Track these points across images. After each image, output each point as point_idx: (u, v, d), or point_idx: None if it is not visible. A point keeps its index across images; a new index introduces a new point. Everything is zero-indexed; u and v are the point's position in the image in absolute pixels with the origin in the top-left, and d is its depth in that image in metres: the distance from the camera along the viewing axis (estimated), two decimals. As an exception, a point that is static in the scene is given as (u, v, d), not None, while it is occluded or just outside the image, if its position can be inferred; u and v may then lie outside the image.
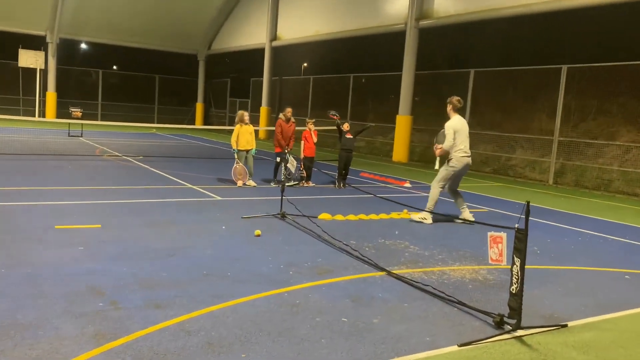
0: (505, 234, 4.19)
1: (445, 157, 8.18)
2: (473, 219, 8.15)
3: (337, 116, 11.70)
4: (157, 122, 34.04)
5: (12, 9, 27.58)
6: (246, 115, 10.70)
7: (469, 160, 8.21)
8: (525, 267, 6.03)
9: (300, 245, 6.26)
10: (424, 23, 18.50)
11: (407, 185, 12.70)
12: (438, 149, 8.17)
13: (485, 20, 17.02)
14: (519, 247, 4.01)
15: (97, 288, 4.40)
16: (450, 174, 8.16)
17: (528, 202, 3.99)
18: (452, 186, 8.45)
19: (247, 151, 10.53)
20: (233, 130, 10.60)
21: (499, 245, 4.20)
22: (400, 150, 19.49)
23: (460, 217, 8.37)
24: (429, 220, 8.15)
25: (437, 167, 8.47)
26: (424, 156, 20.03)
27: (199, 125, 34.02)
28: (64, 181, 9.75)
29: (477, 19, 17.07)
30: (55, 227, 6.29)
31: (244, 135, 10.46)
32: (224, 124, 32.29)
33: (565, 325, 4.30)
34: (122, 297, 4.24)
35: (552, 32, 16.89)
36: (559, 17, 15.43)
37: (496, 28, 17.69)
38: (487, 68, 17.63)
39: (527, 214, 3.97)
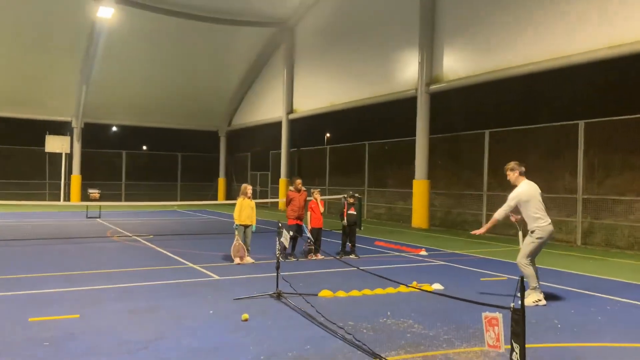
0: (501, 314, 3.61)
1: (524, 230, 7.45)
2: (544, 301, 7.16)
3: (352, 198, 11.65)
4: (180, 199, 34.21)
5: (40, 99, 28.74)
6: (249, 189, 10.41)
7: (552, 227, 7.35)
8: (543, 345, 5.38)
9: (289, 330, 5.69)
10: (435, 87, 18.38)
11: (423, 253, 12.05)
12: (513, 217, 7.52)
13: (496, 81, 16.77)
14: (517, 331, 3.42)
15: (43, 394, 3.92)
16: (537, 246, 7.26)
17: (522, 278, 3.43)
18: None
19: (247, 226, 10.14)
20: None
21: (495, 329, 3.61)
22: (419, 216, 18.87)
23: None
24: (543, 301, 7.13)
25: (520, 244, 7.54)
26: (445, 221, 19.37)
27: (221, 200, 34.09)
28: (61, 267, 9.45)
29: (488, 80, 16.84)
30: (29, 319, 5.89)
31: (246, 210, 10.11)
32: (245, 198, 32.14)
33: (584, 423, 3.61)
34: (68, 404, 3.74)
35: (565, 88, 16.52)
36: (571, 72, 15.07)
37: (508, 87, 17.43)
38: (502, 128, 17.23)
39: (522, 291, 3.40)
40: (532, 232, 7.29)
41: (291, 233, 10.32)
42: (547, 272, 9.46)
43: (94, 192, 20.23)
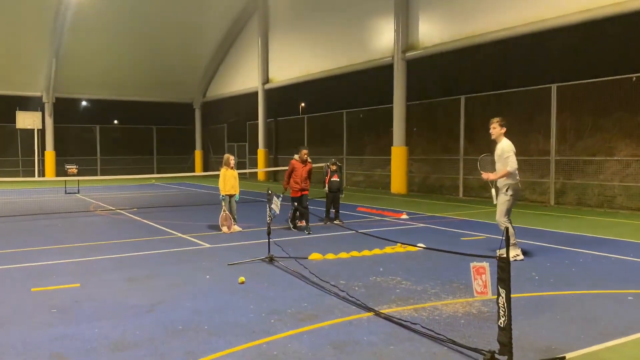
0: (488, 263, 3.93)
1: (496, 186, 7.65)
2: (522, 256, 7.57)
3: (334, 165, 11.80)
4: (157, 173, 34.00)
5: (7, 73, 28.01)
6: (232, 159, 10.58)
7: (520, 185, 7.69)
8: (522, 295, 5.78)
9: (285, 290, 5.99)
10: (411, 54, 18.57)
11: (404, 217, 12.44)
12: (492, 175, 7.58)
13: (471, 47, 17.04)
14: (503, 277, 3.75)
15: (61, 354, 4.14)
16: (512, 202, 7.54)
17: (507, 229, 3.75)
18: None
19: (231, 196, 10.36)
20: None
21: (482, 276, 3.94)
22: (398, 182, 19.28)
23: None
24: (521, 256, 7.50)
25: (495, 201, 7.79)
26: (423, 186, 19.82)
27: (199, 172, 34.02)
28: (51, 240, 9.54)
29: (463, 46, 17.11)
30: (32, 289, 6.07)
31: (230, 180, 10.31)
32: (223, 169, 32.19)
33: (563, 358, 4.00)
34: (87, 362, 3.98)
35: (539, 52, 16.87)
36: (543, 37, 15.41)
37: (483, 53, 17.69)
38: (478, 93, 17.58)
39: (507, 241, 3.73)
40: (507, 189, 7.49)
41: (295, 204, 10.32)
42: (523, 231, 9.95)
43: (72, 167, 20.04)
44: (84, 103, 35.82)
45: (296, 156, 10.64)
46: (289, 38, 25.75)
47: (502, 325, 3.77)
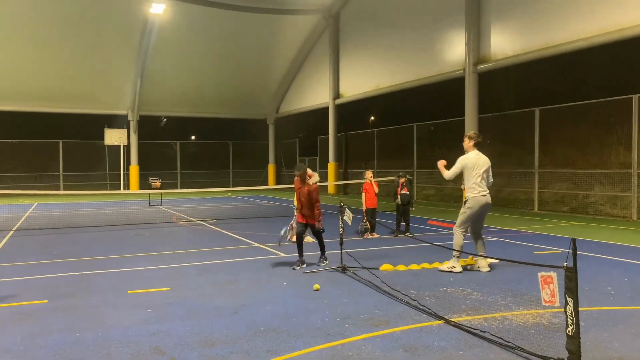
0: (555, 273, 4.06)
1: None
2: (488, 269, 7.75)
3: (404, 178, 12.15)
4: (233, 186, 35.35)
5: (97, 94, 30.22)
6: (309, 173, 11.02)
7: (488, 199, 7.80)
8: (596, 308, 5.76)
9: (358, 298, 6.28)
10: (483, 67, 18.46)
11: (476, 230, 12.38)
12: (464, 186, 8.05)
13: (545, 58, 16.76)
14: (570, 287, 3.87)
15: (159, 348, 4.63)
16: (468, 216, 7.77)
17: (574, 239, 3.88)
18: (475, 229, 8.06)
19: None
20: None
21: (550, 286, 4.07)
22: (470, 196, 19.06)
23: (475, 265, 7.93)
24: (458, 268, 7.62)
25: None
26: (496, 200, 19.46)
27: (271, 185, 35.03)
28: (140, 248, 10.33)
29: (536, 58, 16.84)
30: (128, 292, 6.69)
31: (305, 192, 10.74)
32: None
33: (635, 369, 4.04)
34: (182, 355, 4.44)
35: (617, 62, 16.33)
36: (622, 46, 14.93)
37: (558, 64, 17.33)
38: (553, 105, 17.20)
39: (575, 251, 3.85)
40: (465, 201, 7.77)
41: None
42: (601, 245, 9.73)
43: (155, 181, 21.38)
44: (165, 120, 37.94)
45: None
46: (359, 54, 26.21)
47: (570, 334, 3.88)
